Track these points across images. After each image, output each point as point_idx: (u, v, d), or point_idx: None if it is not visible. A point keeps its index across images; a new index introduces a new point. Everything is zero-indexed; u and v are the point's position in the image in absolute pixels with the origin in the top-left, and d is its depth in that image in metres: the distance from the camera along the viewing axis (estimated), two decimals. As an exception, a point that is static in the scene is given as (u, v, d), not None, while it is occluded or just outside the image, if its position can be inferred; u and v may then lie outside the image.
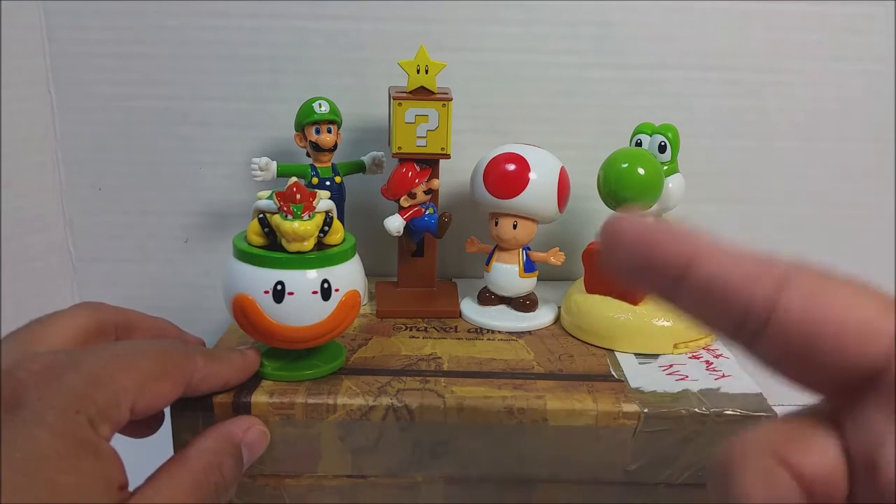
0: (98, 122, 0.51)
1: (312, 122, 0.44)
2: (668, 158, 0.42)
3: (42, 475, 0.24)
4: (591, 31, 0.50)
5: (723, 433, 0.35)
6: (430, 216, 0.45)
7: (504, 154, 0.43)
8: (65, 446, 0.24)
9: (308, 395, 0.35)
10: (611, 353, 0.41)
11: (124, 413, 0.27)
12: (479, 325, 0.44)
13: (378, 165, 0.48)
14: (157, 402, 0.29)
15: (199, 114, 0.51)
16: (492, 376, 0.37)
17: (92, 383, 0.26)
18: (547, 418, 0.35)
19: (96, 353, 0.28)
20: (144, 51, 0.50)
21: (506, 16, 0.49)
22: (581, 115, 0.51)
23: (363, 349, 0.40)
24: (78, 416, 0.25)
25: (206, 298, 0.53)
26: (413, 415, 0.35)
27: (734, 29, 0.50)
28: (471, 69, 0.50)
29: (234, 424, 0.33)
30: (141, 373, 0.28)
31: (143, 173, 0.52)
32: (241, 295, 0.34)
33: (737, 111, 0.51)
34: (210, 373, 0.32)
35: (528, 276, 0.45)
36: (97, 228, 0.53)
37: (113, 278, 0.54)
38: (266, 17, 0.49)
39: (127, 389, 0.27)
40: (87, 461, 0.25)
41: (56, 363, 0.26)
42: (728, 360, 0.40)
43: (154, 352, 0.30)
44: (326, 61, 0.50)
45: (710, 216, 0.52)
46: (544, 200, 0.43)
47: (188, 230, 0.53)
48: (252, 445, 0.33)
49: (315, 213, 0.35)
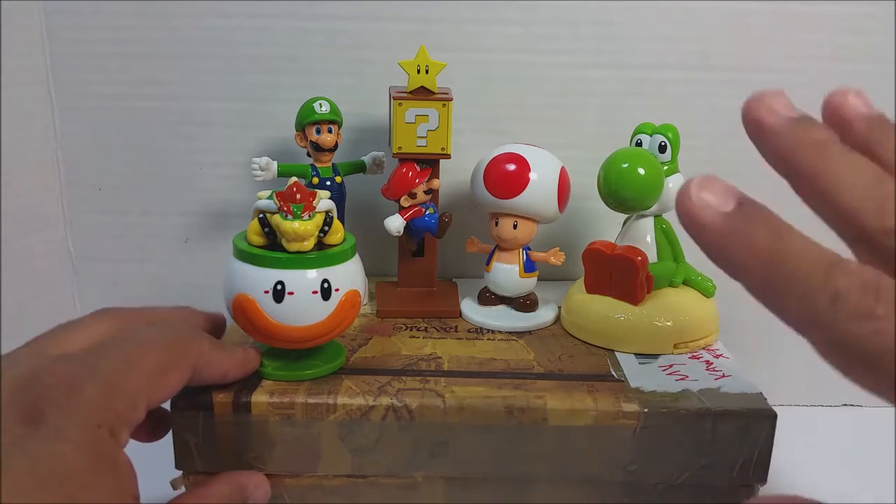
0: (98, 122, 0.51)
1: (313, 122, 0.44)
2: (669, 158, 0.42)
3: (64, 491, 0.24)
4: (591, 31, 0.50)
5: (723, 433, 0.35)
6: (430, 216, 0.45)
7: (504, 154, 0.43)
8: (87, 461, 0.25)
9: (308, 394, 0.35)
10: (611, 353, 0.41)
11: (141, 413, 0.28)
12: (479, 325, 0.44)
13: (378, 165, 0.48)
14: (169, 392, 0.30)
15: (199, 114, 0.51)
16: (492, 376, 0.37)
17: (109, 391, 0.27)
18: (547, 418, 0.35)
19: (109, 357, 0.28)
20: (144, 51, 0.50)
21: (506, 16, 0.49)
22: (581, 115, 0.51)
23: (363, 349, 0.40)
24: (100, 431, 0.26)
25: (206, 298, 0.52)
26: (413, 415, 0.35)
27: (734, 29, 0.50)
28: (471, 69, 0.50)
29: (248, 479, 0.34)
30: (152, 369, 0.29)
31: (143, 173, 0.52)
32: (242, 295, 0.34)
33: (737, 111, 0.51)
34: (213, 359, 0.33)
35: (528, 276, 0.45)
36: (97, 228, 0.53)
37: (113, 278, 0.54)
38: (266, 17, 0.49)
39: (141, 390, 0.28)
40: (107, 475, 0.26)
41: (73, 373, 0.27)
42: (728, 360, 0.40)
43: (162, 343, 0.30)
44: (326, 61, 0.50)
45: (710, 216, 0.52)
46: (544, 200, 0.43)
47: (188, 230, 0.53)
48: (256, 500, 0.34)
49: (315, 213, 0.35)
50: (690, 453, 0.35)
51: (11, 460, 0.23)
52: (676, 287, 0.43)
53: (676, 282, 0.43)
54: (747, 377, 0.38)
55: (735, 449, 0.35)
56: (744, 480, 0.35)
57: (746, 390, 0.37)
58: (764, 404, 0.35)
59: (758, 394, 0.36)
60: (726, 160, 0.52)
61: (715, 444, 0.35)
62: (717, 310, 0.43)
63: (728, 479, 0.35)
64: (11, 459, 0.24)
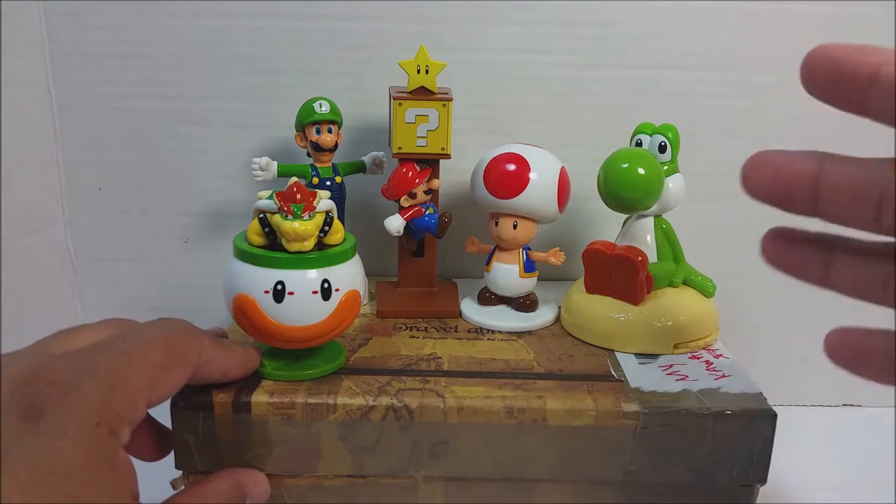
0: (98, 122, 0.51)
1: (313, 122, 0.44)
2: (668, 158, 0.42)
3: (64, 488, 0.24)
4: (591, 31, 0.50)
5: (723, 433, 0.35)
6: (430, 216, 0.45)
7: (504, 154, 0.43)
8: (86, 459, 0.25)
9: (308, 394, 0.35)
10: (611, 353, 0.41)
11: (141, 412, 0.28)
12: (479, 325, 0.44)
13: (378, 165, 0.48)
14: (170, 390, 0.30)
15: (199, 114, 0.51)
16: (492, 376, 0.37)
17: (109, 389, 0.27)
18: (547, 418, 0.35)
19: (108, 354, 0.28)
20: (144, 51, 0.50)
21: (506, 16, 0.49)
22: (581, 115, 0.51)
23: (363, 349, 0.40)
24: (99, 429, 0.26)
25: (206, 298, 0.53)
26: (413, 415, 0.35)
27: (734, 29, 0.50)
28: (471, 69, 0.50)
29: (246, 476, 0.34)
30: (153, 367, 0.29)
31: (143, 173, 0.52)
32: (242, 295, 0.34)
33: (737, 111, 0.51)
34: (214, 357, 0.33)
35: (528, 276, 0.45)
36: (97, 228, 0.53)
37: (113, 278, 0.54)
38: (266, 17, 0.49)
39: (141, 389, 0.28)
40: (106, 473, 0.26)
41: (72, 370, 0.27)
42: (728, 360, 0.40)
43: (163, 341, 0.30)
44: (326, 61, 0.50)
45: (710, 216, 0.52)
46: (544, 200, 0.43)
47: (188, 230, 0.53)
48: (255, 499, 0.34)
49: (315, 213, 0.35)
50: (690, 453, 0.35)
51: (11, 457, 0.23)
52: (676, 287, 0.43)
53: (676, 282, 0.43)
54: (747, 377, 0.38)
55: (735, 449, 0.35)
56: (744, 480, 0.35)
57: (746, 390, 0.37)
58: (764, 404, 0.35)
59: (758, 394, 0.36)
60: (726, 160, 0.52)
61: (715, 444, 0.35)
62: (717, 310, 0.43)
63: (728, 479, 0.35)
64: (11, 456, 0.24)
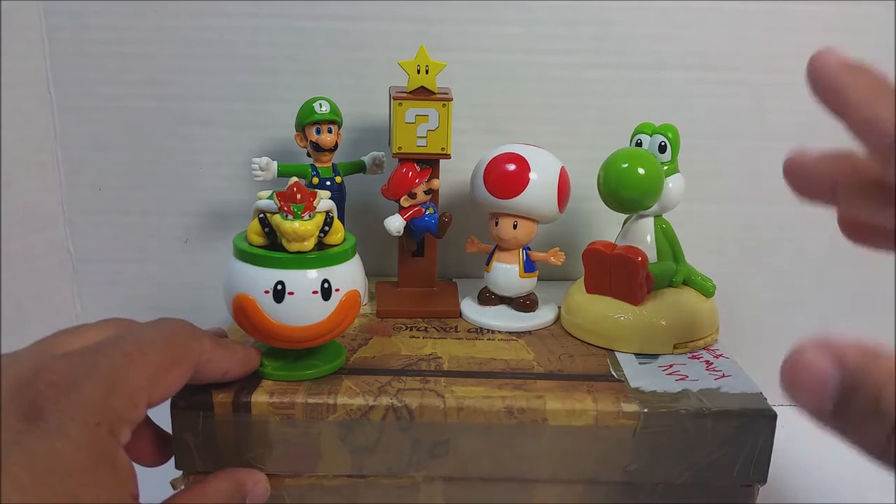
0: (98, 122, 0.51)
1: (313, 122, 0.44)
2: (668, 158, 0.42)
3: (63, 488, 0.24)
4: (591, 31, 0.50)
5: (723, 433, 0.35)
6: (430, 216, 0.45)
7: (504, 154, 0.43)
8: (86, 459, 0.25)
9: (308, 394, 0.35)
10: (611, 353, 0.41)
11: (141, 412, 0.28)
12: (479, 325, 0.44)
13: (378, 165, 0.48)
14: (170, 390, 0.30)
15: (199, 114, 0.51)
16: (492, 376, 0.37)
17: (109, 389, 0.27)
18: (547, 418, 0.35)
19: (108, 355, 0.28)
20: (144, 51, 0.50)
21: (506, 16, 0.49)
22: (581, 115, 0.51)
23: (363, 349, 0.40)
24: (99, 429, 0.26)
25: (206, 298, 0.53)
26: (413, 415, 0.35)
27: (734, 29, 0.50)
28: (471, 69, 0.50)
29: (247, 475, 0.34)
30: (153, 367, 0.29)
31: (143, 173, 0.52)
32: (242, 295, 0.34)
33: (737, 111, 0.51)
34: (214, 357, 0.33)
35: (528, 276, 0.45)
36: (97, 228, 0.53)
37: (113, 278, 0.54)
38: (266, 17, 0.49)
39: (141, 389, 0.28)
40: (106, 473, 0.26)
41: (72, 370, 0.27)
42: (728, 360, 0.40)
43: (163, 341, 0.30)
44: (326, 61, 0.50)
45: (710, 216, 0.52)
46: (544, 200, 0.43)
47: (188, 230, 0.53)
48: (255, 499, 0.34)
49: (315, 213, 0.35)
50: (690, 453, 0.35)
51: (11, 457, 0.23)
52: (676, 287, 0.43)
53: (676, 282, 0.43)
54: (747, 377, 0.38)
55: (735, 449, 0.35)
56: (744, 480, 0.35)
57: (746, 390, 0.37)
58: (764, 404, 0.35)
59: (758, 394, 0.36)
60: (726, 160, 0.52)
61: (715, 445, 0.35)
62: (717, 310, 0.43)
63: (728, 479, 0.35)
64: (11, 456, 0.24)
